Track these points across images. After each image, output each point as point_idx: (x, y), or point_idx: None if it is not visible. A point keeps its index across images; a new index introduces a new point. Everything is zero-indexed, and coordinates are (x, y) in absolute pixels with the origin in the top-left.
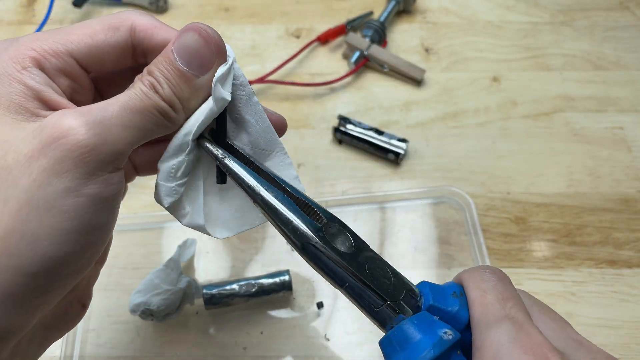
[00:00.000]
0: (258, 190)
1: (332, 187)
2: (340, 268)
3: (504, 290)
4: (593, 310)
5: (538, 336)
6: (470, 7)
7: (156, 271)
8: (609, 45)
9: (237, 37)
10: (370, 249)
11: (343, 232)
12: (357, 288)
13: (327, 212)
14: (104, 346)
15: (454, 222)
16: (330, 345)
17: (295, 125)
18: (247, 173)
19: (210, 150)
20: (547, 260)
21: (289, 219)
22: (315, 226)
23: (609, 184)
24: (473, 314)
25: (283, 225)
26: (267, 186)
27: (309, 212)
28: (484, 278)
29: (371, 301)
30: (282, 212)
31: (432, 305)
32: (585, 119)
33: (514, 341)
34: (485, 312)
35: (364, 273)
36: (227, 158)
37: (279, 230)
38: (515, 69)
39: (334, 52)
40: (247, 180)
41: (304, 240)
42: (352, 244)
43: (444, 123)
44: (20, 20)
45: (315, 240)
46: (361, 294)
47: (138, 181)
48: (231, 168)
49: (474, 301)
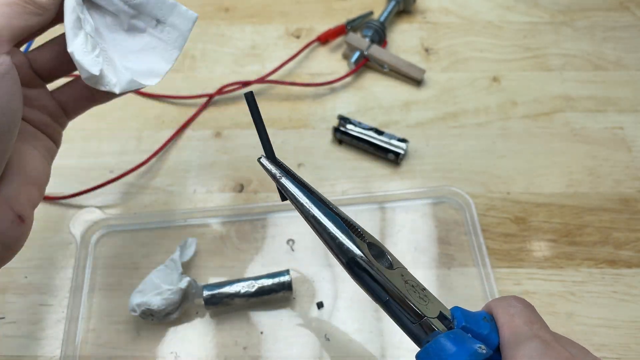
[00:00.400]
0: (309, 208)
1: (332, 187)
2: (380, 285)
3: (531, 314)
4: (593, 310)
5: (565, 352)
6: (470, 7)
7: (156, 271)
8: (608, 46)
9: (237, 37)
10: (408, 272)
11: (383, 253)
12: (396, 304)
13: (369, 234)
14: (104, 346)
15: (454, 222)
16: (330, 345)
17: (295, 125)
18: (299, 191)
19: (269, 169)
20: (547, 260)
21: (336, 236)
22: (359, 244)
23: (608, 184)
24: (503, 335)
25: (330, 241)
26: (317, 205)
27: (354, 231)
28: (511, 304)
29: (409, 317)
30: (330, 229)
31: (465, 326)
32: (585, 119)
33: (544, 356)
34: (515, 332)
35: (404, 291)
36: (283, 177)
37: (326, 245)
38: (515, 69)
39: (334, 52)
40: (299, 198)
41: (349, 256)
42: (390, 264)
43: (444, 123)
44: None
45: (360, 257)
46: (400, 310)
47: (139, 182)
48: (286, 186)
49: (504, 324)
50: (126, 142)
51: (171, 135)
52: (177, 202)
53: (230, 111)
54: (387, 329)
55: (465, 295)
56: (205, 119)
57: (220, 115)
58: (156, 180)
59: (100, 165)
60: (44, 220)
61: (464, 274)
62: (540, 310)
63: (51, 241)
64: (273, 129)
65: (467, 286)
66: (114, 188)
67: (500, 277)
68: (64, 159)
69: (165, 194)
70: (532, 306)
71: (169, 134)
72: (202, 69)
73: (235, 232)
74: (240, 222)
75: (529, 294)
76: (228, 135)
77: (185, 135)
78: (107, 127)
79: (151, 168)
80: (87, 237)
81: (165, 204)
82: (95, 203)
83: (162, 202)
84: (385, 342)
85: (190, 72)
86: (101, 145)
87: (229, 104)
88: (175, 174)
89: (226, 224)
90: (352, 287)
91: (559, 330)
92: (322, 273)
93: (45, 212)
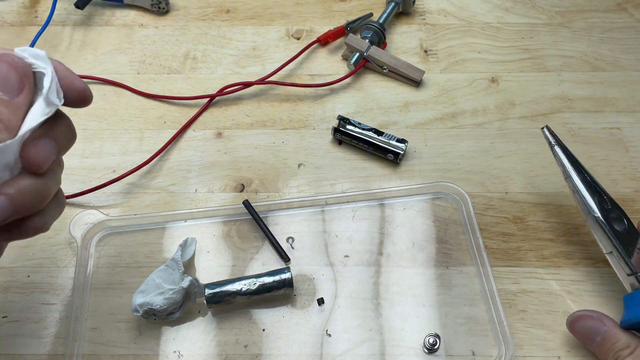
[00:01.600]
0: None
1: (331, 187)
2: (609, 239)
3: None
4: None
5: None
6: (469, 9)
7: (158, 271)
8: (606, 47)
9: (238, 38)
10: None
11: (621, 218)
12: (617, 258)
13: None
14: (106, 345)
15: (452, 222)
16: (332, 341)
17: (295, 125)
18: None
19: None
20: (545, 259)
21: (584, 196)
22: (601, 207)
23: (606, 184)
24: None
25: (580, 198)
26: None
27: (601, 198)
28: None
29: (626, 269)
30: (582, 191)
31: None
32: (582, 119)
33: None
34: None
35: (627, 249)
36: (556, 146)
37: (577, 201)
38: (513, 70)
39: (333, 53)
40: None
41: (590, 212)
42: (625, 227)
43: (443, 123)
44: (23, 22)
45: (597, 214)
46: (619, 262)
47: (140, 181)
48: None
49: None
50: (128, 142)
51: (173, 135)
52: (178, 202)
53: (232, 111)
54: (387, 326)
55: (464, 294)
56: (207, 119)
57: (221, 115)
58: (158, 180)
59: (102, 165)
60: None
61: (463, 272)
62: (538, 309)
63: (53, 240)
64: (273, 129)
65: (466, 285)
66: (116, 188)
67: (499, 276)
68: (66, 159)
69: (166, 193)
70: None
71: (171, 134)
72: (204, 70)
73: (236, 232)
74: (240, 222)
75: (528, 292)
76: (229, 136)
77: (186, 135)
78: (109, 128)
79: (153, 168)
80: (88, 238)
81: (166, 203)
82: (97, 203)
83: (163, 202)
84: (385, 340)
85: (191, 73)
86: (103, 145)
87: (230, 105)
88: (176, 174)
89: (227, 223)
90: (352, 284)
91: (557, 329)
92: (322, 270)
93: None
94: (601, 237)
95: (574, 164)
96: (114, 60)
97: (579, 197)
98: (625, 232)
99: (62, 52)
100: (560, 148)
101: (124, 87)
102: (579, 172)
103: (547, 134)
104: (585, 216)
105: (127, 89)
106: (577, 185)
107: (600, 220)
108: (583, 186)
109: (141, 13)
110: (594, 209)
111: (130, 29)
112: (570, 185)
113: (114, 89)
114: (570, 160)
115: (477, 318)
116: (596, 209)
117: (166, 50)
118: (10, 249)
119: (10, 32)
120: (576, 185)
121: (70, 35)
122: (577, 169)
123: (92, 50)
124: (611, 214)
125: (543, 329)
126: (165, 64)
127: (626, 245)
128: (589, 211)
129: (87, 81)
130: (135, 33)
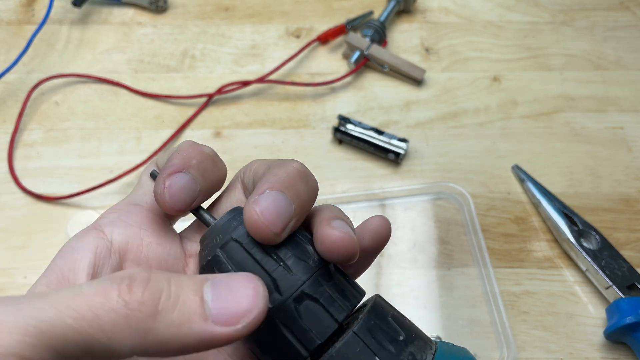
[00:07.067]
0: (542, 203)
1: (332, 187)
2: (584, 258)
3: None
4: (593, 311)
5: None
6: (471, 7)
7: None
8: (609, 45)
9: (237, 37)
10: (616, 251)
11: (593, 236)
12: (593, 274)
13: (583, 220)
14: None
15: (454, 222)
16: None
17: (295, 125)
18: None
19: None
20: (548, 260)
21: (556, 222)
22: (571, 229)
23: (609, 183)
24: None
25: (552, 224)
26: (548, 200)
27: (571, 221)
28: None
29: (603, 282)
30: (553, 217)
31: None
32: (585, 118)
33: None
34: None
35: (600, 265)
36: (526, 181)
37: (550, 227)
38: (515, 68)
39: (334, 52)
40: (537, 196)
41: (563, 235)
42: (597, 244)
43: (444, 123)
44: (20, 20)
45: (568, 237)
46: (596, 278)
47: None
48: (530, 189)
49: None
50: (125, 142)
51: (171, 135)
52: None
53: (230, 111)
54: None
55: (466, 296)
56: (205, 118)
57: (220, 115)
58: None
59: (99, 165)
60: (43, 220)
61: (464, 273)
62: (540, 311)
63: (50, 241)
64: (273, 128)
65: (468, 286)
66: (113, 188)
67: (501, 277)
68: (63, 159)
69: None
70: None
71: (169, 133)
72: (202, 68)
73: None
74: None
75: (530, 294)
76: (228, 135)
77: (184, 135)
78: (106, 127)
79: None
80: None
81: None
82: (94, 203)
83: None
84: None
85: (189, 72)
86: (100, 145)
87: (228, 104)
88: None
89: None
90: None
91: (559, 331)
92: None
93: (44, 212)
94: (575, 258)
95: (544, 195)
96: (112, 59)
97: (551, 224)
98: (598, 248)
99: (59, 51)
100: (531, 182)
101: (121, 86)
102: (550, 201)
103: (518, 172)
104: (560, 241)
105: (125, 88)
106: (549, 213)
107: (572, 243)
108: (555, 212)
109: (139, 11)
110: (566, 233)
111: (128, 27)
112: (543, 214)
113: (112, 88)
114: (540, 192)
115: (479, 320)
116: (568, 232)
117: (164, 48)
118: (7, 250)
119: (7, 31)
120: (548, 213)
121: (68, 34)
122: (548, 198)
123: (89, 49)
124: (581, 236)
125: (546, 331)
126: (163, 63)
127: (599, 260)
128: (562, 235)
129: (85, 80)
130: (133, 31)
